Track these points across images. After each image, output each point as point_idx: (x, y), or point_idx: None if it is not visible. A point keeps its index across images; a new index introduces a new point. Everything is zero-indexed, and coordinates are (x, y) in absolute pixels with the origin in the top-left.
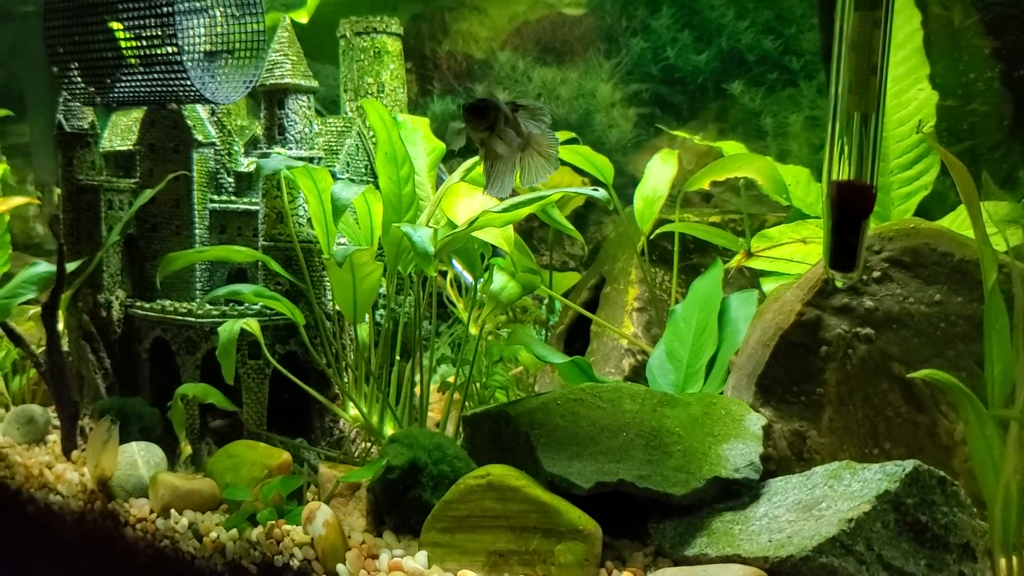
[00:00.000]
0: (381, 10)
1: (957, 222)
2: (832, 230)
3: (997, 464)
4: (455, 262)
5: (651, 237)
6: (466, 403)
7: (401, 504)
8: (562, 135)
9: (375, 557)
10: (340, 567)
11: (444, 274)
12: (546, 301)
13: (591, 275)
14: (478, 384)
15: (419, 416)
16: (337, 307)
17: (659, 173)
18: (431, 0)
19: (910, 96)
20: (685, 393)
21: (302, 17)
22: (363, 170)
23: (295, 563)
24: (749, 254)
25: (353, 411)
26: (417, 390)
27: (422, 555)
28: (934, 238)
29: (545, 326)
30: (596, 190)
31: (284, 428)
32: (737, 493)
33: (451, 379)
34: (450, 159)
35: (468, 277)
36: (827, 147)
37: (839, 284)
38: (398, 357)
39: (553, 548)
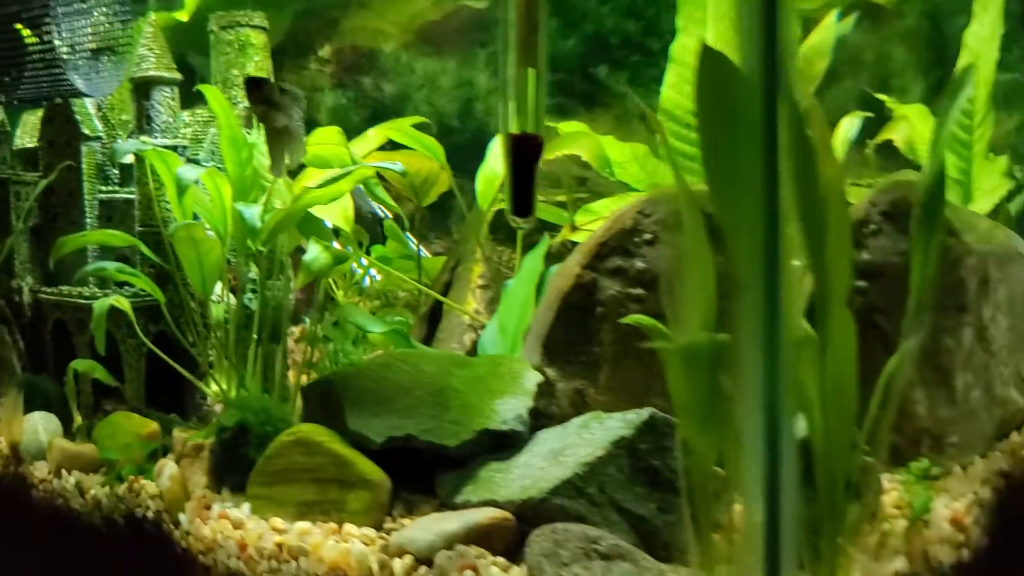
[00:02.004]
0: (265, 7)
1: None
2: (511, 180)
3: None
4: (337, 246)
5: (490, 216)
6: None
7: (234, 461)
8: (412, 120)
9: (209, 508)
10: (181, 516)
11: None
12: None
13: (452, 257)
14: (333, 363)
15: (270, 389)
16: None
17: (498, 155)
18: None
19: None
20: (480, 356)
21: (184, 16)
22: None
23: (150, 514)
24: (573, 228)
25: (215, 387)
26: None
27: (247, 506)
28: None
29: (415, 310)
30: (394, 165)
31: (164, 403)
32: (507, 444)
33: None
34: None
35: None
36: (501, 104)
37: (520, 230)
38: (255, 335)
39: (346, 496)
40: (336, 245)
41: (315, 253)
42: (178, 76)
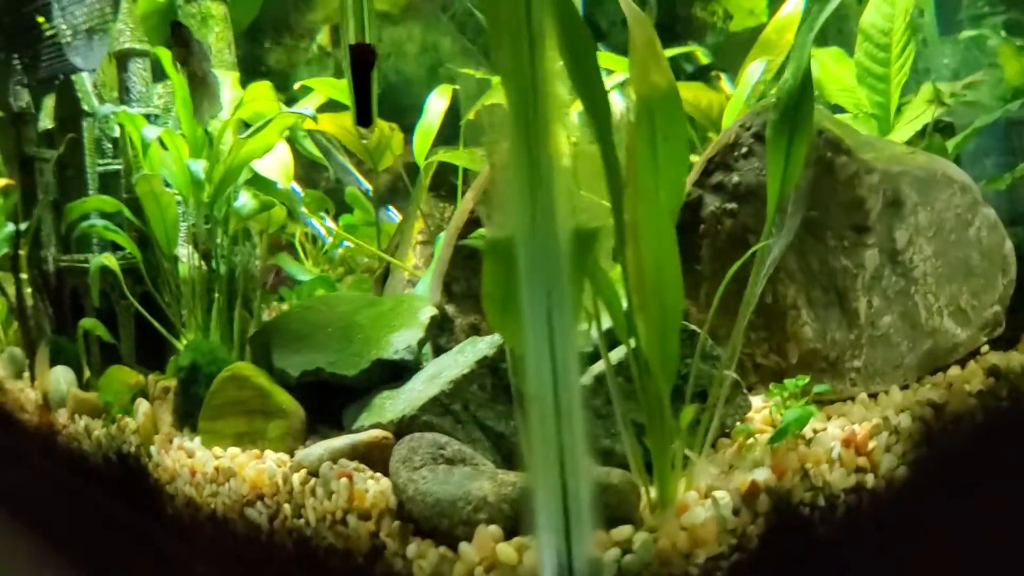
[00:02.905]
0: None
1: None
2: (353, 90)
3: None
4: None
5: (428, 172)
6: None
7: (189, 399)
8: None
9: (171, 442)
10: (152, 448)
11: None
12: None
13: (404, 218)
14: None
15: (232, 342)
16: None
17: (433, 108)
18: None
19: None
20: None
21: None
22: None
23: (132, 448)
24: None
25: (186, 341)
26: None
27: (198, 440)
28: None
29: (373, 273)
30: (306, 112)
31: (149, 358)
32: (400, 375)
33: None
34: None
35: (319, 229)
36: (341, 19)
37: (365, 140)
38: (217, 295)
39: (267, 425)
40: (304, 210)
41: (244, 200)
42: (149, 48)
